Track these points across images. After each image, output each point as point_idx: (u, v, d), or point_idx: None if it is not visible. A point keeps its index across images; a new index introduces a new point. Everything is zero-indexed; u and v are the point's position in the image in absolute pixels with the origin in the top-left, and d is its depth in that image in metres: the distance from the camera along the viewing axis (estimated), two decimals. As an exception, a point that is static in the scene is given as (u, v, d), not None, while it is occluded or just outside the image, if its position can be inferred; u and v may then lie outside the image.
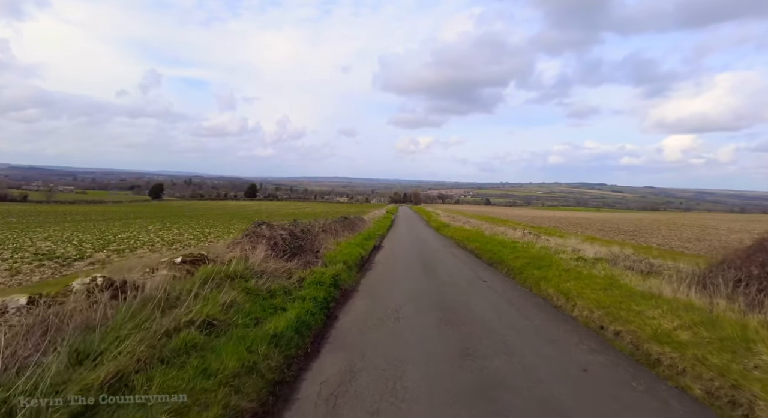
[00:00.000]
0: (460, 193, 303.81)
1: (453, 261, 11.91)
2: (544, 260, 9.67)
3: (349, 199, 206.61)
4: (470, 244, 15.69)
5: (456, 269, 10.41)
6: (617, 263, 9.08)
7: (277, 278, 6.01)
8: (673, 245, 18.08)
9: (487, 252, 12.86)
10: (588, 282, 7.10)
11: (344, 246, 11.46)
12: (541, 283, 7.72)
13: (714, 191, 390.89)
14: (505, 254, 11.53)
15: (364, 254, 11.27)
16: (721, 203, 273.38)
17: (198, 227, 32.08)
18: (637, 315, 4.92)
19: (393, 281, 8.37)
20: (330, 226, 13.96)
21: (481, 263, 11.85)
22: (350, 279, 7.92)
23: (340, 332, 4.95)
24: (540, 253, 11.10)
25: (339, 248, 11.14)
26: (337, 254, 9.75)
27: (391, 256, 12.73)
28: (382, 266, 10.46)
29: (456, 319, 5.65)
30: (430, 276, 9.14)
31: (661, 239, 21.59)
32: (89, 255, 11.86)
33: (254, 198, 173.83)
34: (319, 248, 10.00)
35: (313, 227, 11.31)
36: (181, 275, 4.66)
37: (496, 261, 11.23)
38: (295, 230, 9.31)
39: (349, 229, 17.68)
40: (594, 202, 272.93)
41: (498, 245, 13.78)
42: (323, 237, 11.67)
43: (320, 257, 9.40)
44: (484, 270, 10.37)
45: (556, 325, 5.53)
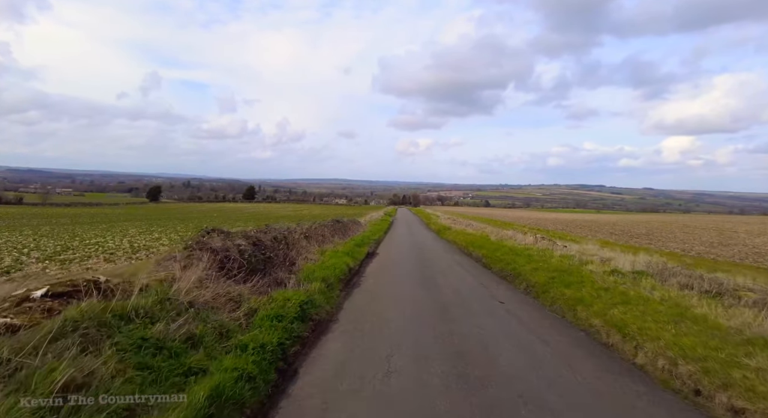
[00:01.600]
0: (460, 195, 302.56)
1: (458, 272, 10.10)
2: (573, 274, 7.87)
3: (348, 201, 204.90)
4: (476, 250, 13.89)
5: (463, 283, 8.59)
6: (665, 278, 7.28)
7: (214, 311, 4.19)
8: (699, 251, 16.31)
9: (498, 261, 11.05)
10: (644, 309, 5.29)
11: (330, 255, 9.64)
12: (578, 307, 5.91)
13: (713, 193, 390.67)
14: (520, 264, 9.73)
15: (353, 265, 9.45)
16: (720, 205, 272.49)
17: (184, 231, 30.20)
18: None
19: (385, 305, 6.54)
20: (316, 231, 12.14)
21: (491, 275, 10.03)
22: (329, 303, 6.10)
23: (294, 410, 3.14)
24: (563, 264, 9.30)
25: (323, 258, 9.32)
26: (319, 266, 7.93)
27: (386, 266, 10.92)
28: (373, 280, 8.64)
29: (473, 375, 3.82)
30: (432, 294, 7.33)
31: (681, 244, 19.81)
32: (25, 266, 10.04)
33: (252, 200, 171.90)
34: (296, 259, 8.17)
35: (292, 233, 9.49)
36: (33, 321, 2.86)
37: (511, 273, 9.42)
38: (264, 238, 7.49)
39: (340, 233, 15.87)
40: (593, 203, 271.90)
41: (509, 252, 11.99)
42: (305, 245, 9.85)
43: (296, 271, 7.59)
44: (497, 285, 8.55)
45: (621, 386, 3.71)
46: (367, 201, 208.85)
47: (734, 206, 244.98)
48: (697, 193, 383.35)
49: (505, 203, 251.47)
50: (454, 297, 7.17)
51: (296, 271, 7.60)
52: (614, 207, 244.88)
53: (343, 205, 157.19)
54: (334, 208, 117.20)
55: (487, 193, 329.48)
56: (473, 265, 11.70)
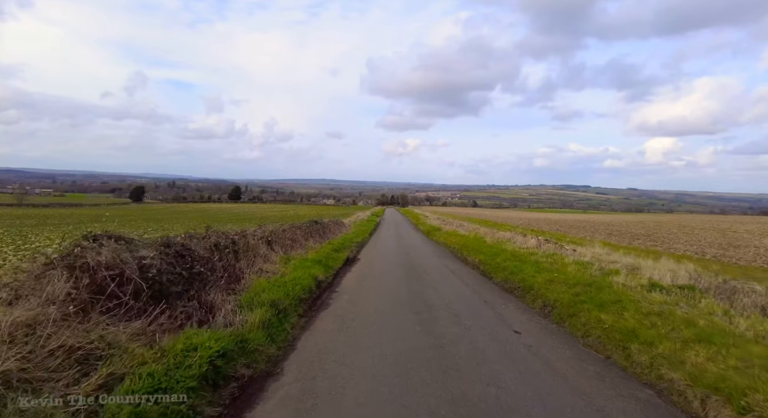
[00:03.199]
0: (448, 196, 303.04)
1: (454, 284, 8.27)
2: (602, 290, 6.12)
3: (335, 202, 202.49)
4: (472, 255, 12.12)
5: (461, 300, 6.76)
6: (727, 295, 5.60)
7: (34, 387, 2.23)
8: (714, 254, 14.90)
9: (500, 269, 9.28)
10: (740, 353, 3.55)
11: (296, 266, 7.70)
12: (631, 345, 4.11)
13: (693, 193, 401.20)
14: (529, 274, 7.97)
15: (324, 277, 7.52)
16: (700, 205, 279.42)
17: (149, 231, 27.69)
18: None
19: (359, 342, 4.64)
20: (284, 234, 10.14)
21: (494, 287, 8.22)
22: (274, 342, 4.19)
23: None
24: (583, 274, 7.56)
25: (285, 269, 7.37)
26: (274, 282, 5.98)
27: (367, 276, 9.03)
28: (347, 298, 6.73)
29: None
30: (423, 320, 5.47)
31: (688, 245, 18.47)
32: None
33: (238, 201, 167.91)
34: (242, 273, 6.21)
35: (246, 238, 7.50)
36: None
37: (518, 286, 7.64)
38: (197, 247, 5.51)
39: (317, 236, 13.91)
40: (579, 204, 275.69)
41: (512, 258, 10.24)
42: (264, 253, 7.88)
43: (240, 290, 5.63)
44: (505, 303, 6.75)
45: None
46: (355, 201, 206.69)
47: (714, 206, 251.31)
48: (678, 193, 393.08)
49: (492, 203, 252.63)
50: (453, 325, 5.32)
51: (241, 290, 5.64)
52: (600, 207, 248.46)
53: (331, 206, 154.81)
54: (321, 208, 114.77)
55: (474, 194, 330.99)
56: (470, 274, 9.90)
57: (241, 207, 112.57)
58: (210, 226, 6.92)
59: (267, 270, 6.88)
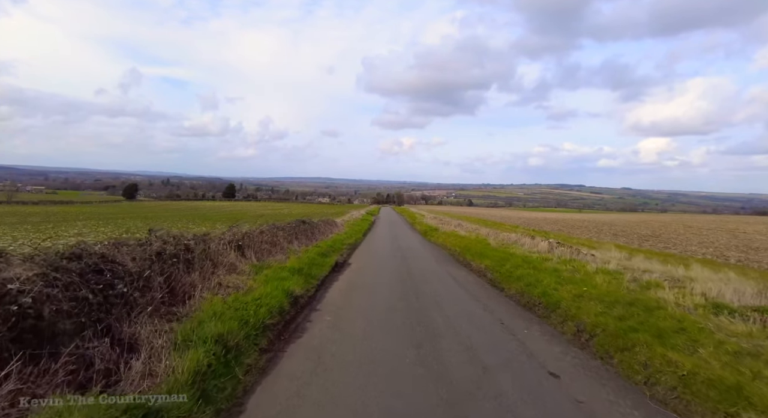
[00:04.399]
0: (443, 194, 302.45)
1: (460, 298, 6.92)
2: (653, 312, 4.80)
3: (331, 200, 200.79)
4: (476, 260, 10.81)
5: (473, 322, 5.42)
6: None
7: None
8: (738, 258, 13.73)
9: (512, 278, 7.96)
10: None
11: (269, 276, 6.30)
12: (744, 415, 2.83)
13: (687, 193, 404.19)
14: (550, 286, 6.66)
15: (301, 292, 6.13)
16: (693, 204, 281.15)
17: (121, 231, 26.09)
18: None
19: (333, 397, 3.28)
20: (261, 237, 8.72)
21: (508, 302, 6.87)
22: (207, 405, 2.82)
23: None
24: (617, 288, 6.25)
25: (254, 281, 5.97)
26: (232, 303, 4.59)
27: (357, 286, 7.67)
28: (329, 320, 5.36)
29: None
30: (425, 357, 4.10)
31: (703, 247, 17.32)
32: None
33: (232, 199, 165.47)
34: (193, 290, 4.81)
35: (206, 243, 6.09)
36: None
37: (539, 302, 6.32)
38: (125, 258, 4.11)
39: (304, 237, 12.52)
40: (574, 203, 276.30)
41: (524, 264, 8.93)
42: (231, 261, 6.47)
43: (183, 316, 4.25)
44: (527, 325, 5.40)
45: None
46: (351, 200, 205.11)
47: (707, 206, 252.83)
48: (672, 192, 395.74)
49: (487, 203, 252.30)
50: (467, 363, 3.97)
51: (185, 315, 4.25)
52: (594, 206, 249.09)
53: (326, 204, 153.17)
54: (316, 206, 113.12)
55: (470, 193, 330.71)
56: (476, 283, 8.56)
57: (235, 205, 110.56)
58: (153, 228, 5.50)
59: (229, 284, 5.48)
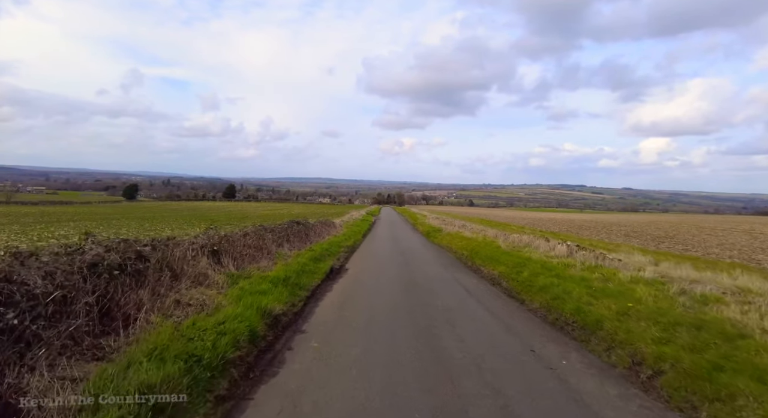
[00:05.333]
0: (444, 195, 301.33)
1: (476, 314, 5.79)
2: (735, 342, 3.70)
3: (331, 201, 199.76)
4: (487, 266, 9.68)
5: (497, 351, 4.28)
6: None
7: None
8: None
9: (533, 288, 6.84)
10: None
11: (245, 289, 5.19)
12: None
13: (688, 193, 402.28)
14: (582, 301, 5.55)
15: (283, 309, 5.01)
16: (695, 204, 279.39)
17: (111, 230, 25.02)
18: None
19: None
20: (244, 240, 7.60)
21: (534, 321, 5.72)
22: None
23: None
24: (670, 305, 5.12)
25: (225, 297, 4.85)
26: (185, 331, 3.49)
27: (353, 299, 6.55)
28: (315, 348, 4.24)
29: None
30: (440, 407, 3.02)
31: (725, 250, 16.18)
32: None
33: (233, 199, 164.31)
34: (138, 312, 3.70)
35: (170, 249, 4.98)
36: None
37: (571, 320, 5.20)
38: (32, 275, 3.00)
39: (297, 240, 11.40)
40: (575, 203, 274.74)
41: (543, 270, 7.81)
42: (201, 271, 5.35)
43: (116, 351, 3.13)
44: (566, 356, 4.26)
45: None
46: (351, 200, 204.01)
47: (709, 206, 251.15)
48: (673, 193, 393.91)
49: (488, 203, 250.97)
50: None
51: (118, 349, 3.14)
52: (596, 207, 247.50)
53: (327, 205, 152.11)
54: (316, 207, 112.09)
55: (470, 193, 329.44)
56: (491, 293, 7.43)
57: (234, 205, 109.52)
58: (91, 232, 4.39)
59: (191, 302, 4.36)
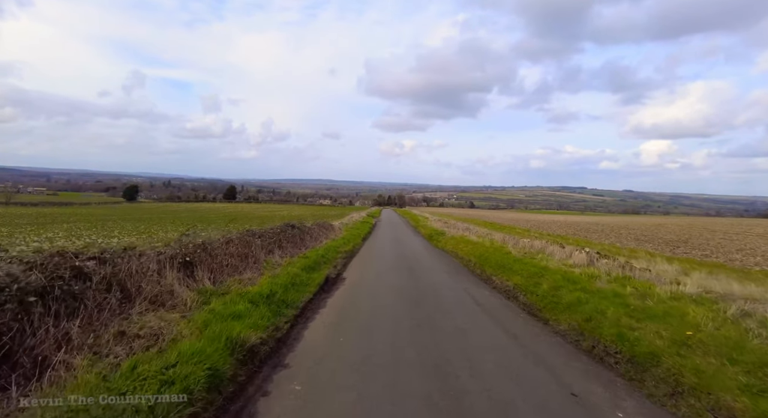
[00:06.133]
0: (444, 196, 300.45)
1: (495, 339, 4.84)
2: None
3: (332, 202, 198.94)
4: (499, 274, 8.73)
5: (528, 395, 3.35)
6: None
7: None
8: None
9: (559, 306, 5.91)
10: None
11: (216, 311, 4.27)
12: None
13: (689, 195, 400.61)
14: (620, 321, 4.62)
15: (262, 337, 4.07)
16: (696, 207, 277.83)
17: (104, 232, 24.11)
18: None
19: None
20: (227, 248, 6.68)
21: (564, 346, 4.76)
22: None
23: None
24: (738, 336, 4.18)
25: (189, 324, 3.92)
26: (126, 374, 2.58)
27: (348, 318, 5.62)
28: (297, 392, 3.32)
29: None
30: None
31: (747, 256, 15.22)
32: None
33: (233, 200, 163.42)
34: (55, 352, 2.77)
35: (127, 263, 4.06)
36: None
37: (615, 349, 4.26)
38: None
39: (291, 246, 10.48)
40: (576, 205, 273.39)
41: (565, 283, 6.87)
42: (167, 287, 4.43)
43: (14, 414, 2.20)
44: (619, 400, 3.28)
45: None
46: (352, 202, 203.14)
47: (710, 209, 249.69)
48: (674, 195, 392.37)
49: (489, 205, 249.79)
50: None
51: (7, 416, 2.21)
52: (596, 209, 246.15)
53: (327, 206, 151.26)
54: (317, 208, 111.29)
55: (471, 195, 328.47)
56: (508, 309, 6.47)
57: (235, 207, 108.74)
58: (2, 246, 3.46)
59: (141, 332, 3.43)
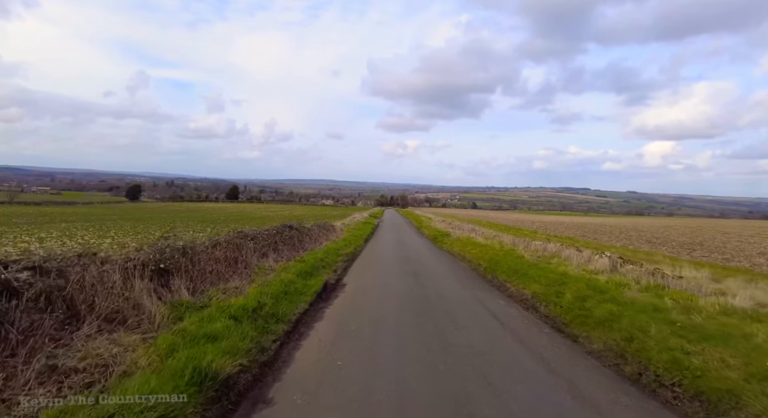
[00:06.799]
0: (447, 197, 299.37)
1: (521, 366, 4.06)
2: None
3: (334, 202, 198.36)
4: (513, 281, 7.98)
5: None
6: None
7: None
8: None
9: (590, 321, 5.15)
10: None
11: (190, 329, 3.56)
12: None
13: (693, 196, 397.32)
14: (668, 341, 3.86)
15: (242, 362, 3.37)
16: (700, 208, 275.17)
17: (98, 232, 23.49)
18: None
19: None
20: (213, 253, 5.96)
21: (607, 375, 3.96)
22: None
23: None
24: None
25: (149, 350, 3.21)
26: None
27: (347, 337, 4.90)
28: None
29: None
30: None
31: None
32: None
33: (236, 200, 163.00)
34: None
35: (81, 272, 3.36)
36: None
37: (676, 380, 3.51)
38: None
39: (288, 248, 9.76)
40: (579, 206, 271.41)
41: (594, 293, 6.11)
42: (137, 298, 3.72)
43: None
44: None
45: None
46: (354, 202, 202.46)
47: (714, 210, 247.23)
48: (677, 196, 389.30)
49: (492, 205, 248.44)
50: None
51: None
52: (600, 210, 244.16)
53: (330, 206, 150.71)
54: (319, 208, 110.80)
55: (474, 195, 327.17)
56: (530, 323, 5.71)
57: (237, 207, 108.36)
58: None
59: (83, 365, 2.67)
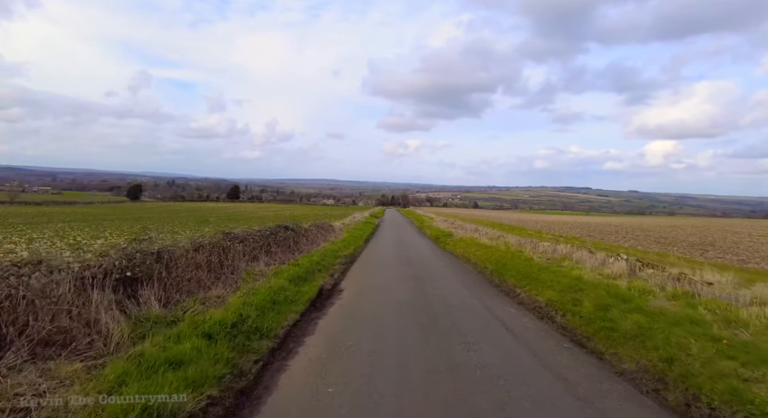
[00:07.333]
0: (448, 197, 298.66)
1: (546, 393, 3.43)
2: None
3: (335, 202, 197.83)
4: (523, 285, 7.35)
5: None
6: None
7: None
8: None
9: (616, 334, 4.52)
10: None
11: (151, 353, 2.95)
12: None
13: (695, 196, 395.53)
14: (714, 362, 3.24)
15: (212, 394, 2.78)
16: (702, 208, 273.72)
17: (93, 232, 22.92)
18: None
19: None
20: (195, 258, 5.36)
21: (648, 407, 3.39)
22: None
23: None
24: None
25: (91, 382, 2.61)
26: None
27: (341, 357, 4.28)
28: None
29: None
30: None
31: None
32: None
33: (236, 200, 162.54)
34: None
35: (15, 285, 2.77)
36: None
37: (735, 413, 2.94)
38: None
39: (280, 250, 9.16)
40: (581, 206, 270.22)
41: (617, 301, 5.49)
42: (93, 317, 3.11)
43: None
44: None
45: None
46: (355, 202, 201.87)
47: (716, 209, 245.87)
48: (679, 196, 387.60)
49: (493, 205, 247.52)
50: None
51: None
52: (601, 209, 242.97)
53: (331, 206, 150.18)
54: (320, 208, 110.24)
55: (475, 195, 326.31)
56: (547, 336, 5.08)
57: (237, 207, 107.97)
58: None
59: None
